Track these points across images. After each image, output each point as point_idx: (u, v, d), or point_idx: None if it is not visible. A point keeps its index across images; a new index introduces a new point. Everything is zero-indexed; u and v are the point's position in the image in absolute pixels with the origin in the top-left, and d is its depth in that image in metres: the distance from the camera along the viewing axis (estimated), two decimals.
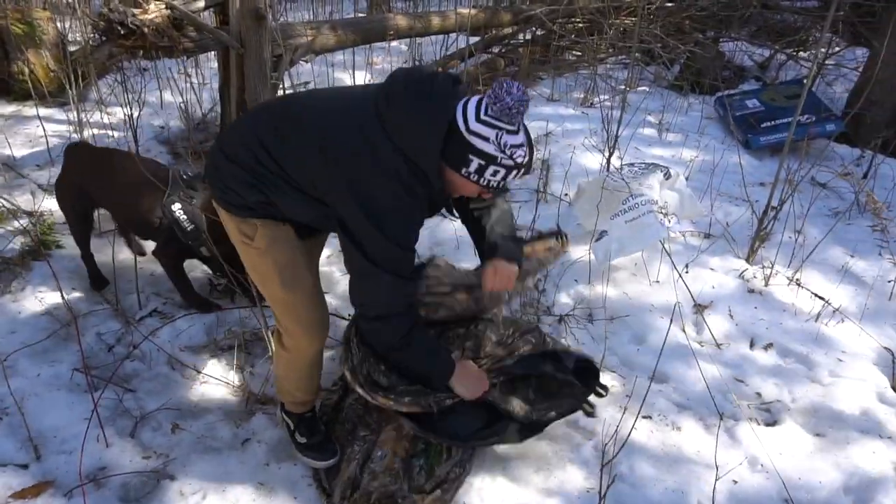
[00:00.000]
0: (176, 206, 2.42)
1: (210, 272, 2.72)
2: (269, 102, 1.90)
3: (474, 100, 1.53)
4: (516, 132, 1.52)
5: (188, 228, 2.43)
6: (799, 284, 2.81)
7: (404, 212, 1.58)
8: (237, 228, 1.75)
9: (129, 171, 2.45)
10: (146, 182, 2.41)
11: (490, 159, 1.51)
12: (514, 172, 1.55)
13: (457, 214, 1.94)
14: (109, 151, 2.71)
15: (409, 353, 1.80)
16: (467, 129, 1.50)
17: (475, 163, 1.52)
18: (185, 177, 2.52)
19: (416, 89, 1.53)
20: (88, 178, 2.56)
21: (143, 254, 2.81)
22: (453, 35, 5.03)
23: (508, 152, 1.51)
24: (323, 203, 1.63)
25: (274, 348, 1.95)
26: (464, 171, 1.53)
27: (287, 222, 1.75)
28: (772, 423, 2.20)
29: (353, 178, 1.54)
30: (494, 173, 1.53)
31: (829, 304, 2.67)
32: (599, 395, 2.06)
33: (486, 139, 1.50)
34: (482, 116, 1.50)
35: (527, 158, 1.56)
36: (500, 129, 1.50)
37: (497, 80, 1.52)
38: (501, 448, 2.04)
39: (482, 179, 1.54)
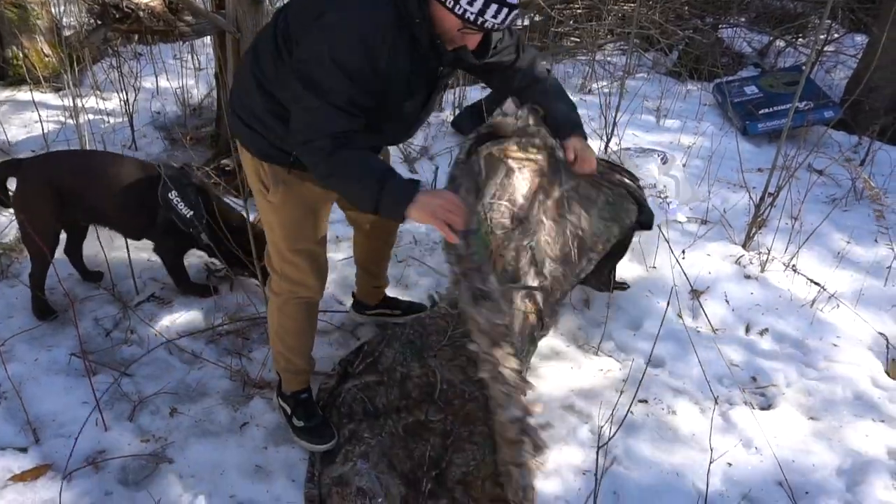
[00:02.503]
0: (173, 194, 2.40)
1: (208, 259, 2.71)
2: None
3: None
4: None
5: (187, 215, 2.41)
6: (795, 270, 2.82)
7: (366, 38, 1.45)
8: (255, 173, 1.78)
9: (118, 171, 2.41)
10: (137, 178, 2.40)
11: None
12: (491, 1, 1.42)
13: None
14: (88, 154, 2.63)
15: (338, 170, 1.54)
16: None
17: None
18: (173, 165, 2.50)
19: None
20: (73, 186, 2.34)
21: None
22: None
23: None
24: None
25: (268, 299, 1.96)
26: None
27: (301, 174, 1.70)
28: (767, 406, 2.21)
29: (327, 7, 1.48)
30: None
31: (825, 289, 2.68)
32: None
33: None
34: None
35: None
36: None
37: None
38: None
39: (457, 6, 1.43)
